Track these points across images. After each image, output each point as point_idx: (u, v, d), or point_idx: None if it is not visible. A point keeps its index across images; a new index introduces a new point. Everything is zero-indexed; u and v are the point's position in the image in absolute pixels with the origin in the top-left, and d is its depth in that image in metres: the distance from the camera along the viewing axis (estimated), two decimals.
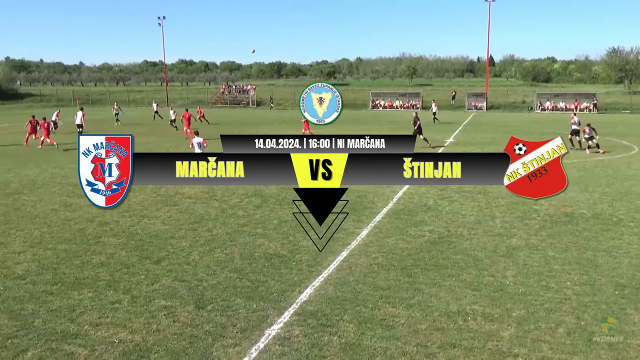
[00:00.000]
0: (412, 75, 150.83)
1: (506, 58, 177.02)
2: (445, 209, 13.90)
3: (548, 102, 66.28)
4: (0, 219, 12.85)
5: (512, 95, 78.18)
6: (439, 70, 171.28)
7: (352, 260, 9.97)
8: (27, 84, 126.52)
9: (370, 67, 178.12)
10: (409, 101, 69.31)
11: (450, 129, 38.19)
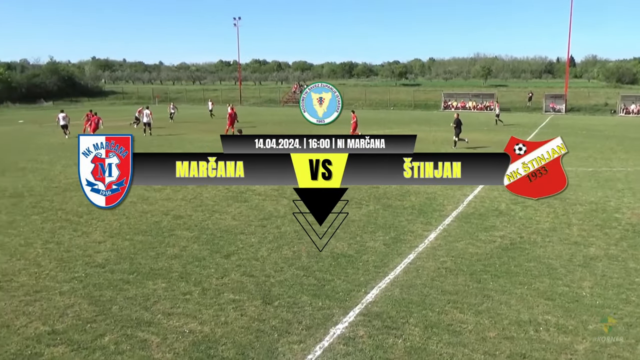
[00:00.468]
0: (486, 75, 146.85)
1: (588, 59, 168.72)
2: (518, 214, 13.44)
3: (633, 105, 62.61)
4: (83, 209, 13.60)
5: (593, 98, 74.42)
6: (515, 70, 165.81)
7: (419, 263, 9.84)
8: (110, 82, 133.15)
9: (443, 67, 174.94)
10: (482, 102, 67.49)
11: (526, 132, 36.84)
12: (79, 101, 79.14)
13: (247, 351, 6.63)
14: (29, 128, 38.44)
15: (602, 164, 22.31)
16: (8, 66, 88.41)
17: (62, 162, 21.56)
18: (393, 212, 13.46)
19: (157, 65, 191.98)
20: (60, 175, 18.61)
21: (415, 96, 74.32)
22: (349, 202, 14.33)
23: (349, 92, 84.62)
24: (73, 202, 14.36)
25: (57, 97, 78.02)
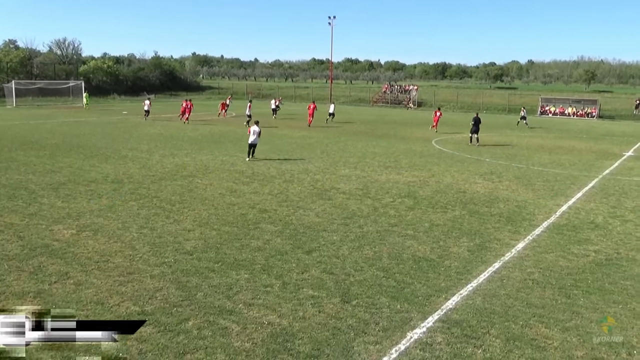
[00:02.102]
0: (590, 80, 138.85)
1: None
2: (616, 228, 12.62)
3: None
4: (176, 198, 14.30)
5: None
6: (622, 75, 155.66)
7: (504, 272, 9.49)
8: (208, 77, 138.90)
9: (543, 70, 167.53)
10: (583, 108, 63.83)
11: (630, 142, 34.47)
12: (178, 95, 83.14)
13: (323, 347, 6.69)
14: (132, 119, 40.90)
15: None
16: (117, 60, 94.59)
17: (160, 152, 22.78)
18: (479, 219, 13.07)
19: (252, 62, 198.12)
20: (158, 164, 19.66)
21: (510, 100, 71.53)
22: (434, 207, 14.13)
23: (441, 93, 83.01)
24: (167, 191, 15.13)
25: (159, 90, 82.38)
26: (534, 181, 18.50)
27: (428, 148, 27.50)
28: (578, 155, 26.54)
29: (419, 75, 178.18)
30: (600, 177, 20.05)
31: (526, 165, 22.24)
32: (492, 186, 17.33)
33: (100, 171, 17.97)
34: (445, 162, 22.54)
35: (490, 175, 19.49)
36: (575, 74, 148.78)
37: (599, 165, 23.18)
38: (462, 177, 18.92)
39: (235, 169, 19.17)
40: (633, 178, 19.95)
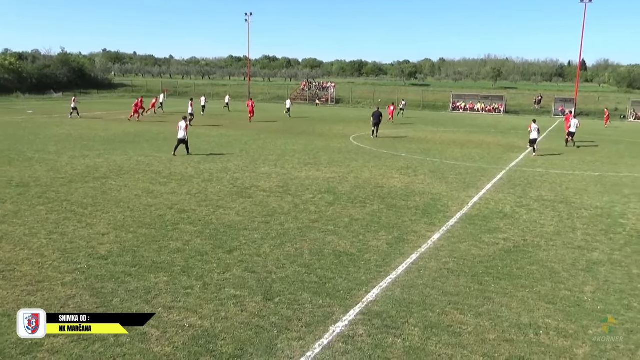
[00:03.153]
0: (496, 77, 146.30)
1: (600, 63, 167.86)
2: (522, 217, 13.40)
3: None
4: (88, 201, 13.67)
5: (603, 102, 73.87)
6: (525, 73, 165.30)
7: (422, 263, 9.83)
8: (120, 74, 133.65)
9: (453, 68, 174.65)
10: (491, 104, 67.23)
11: None
12: (89, 93, 79.48)
13: (247, 347, 6.64)
14: (38, 119, 38.64)
15: (609, 168, 22.18)
16: (19, 56, 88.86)
17: (69, 153, 21.67)
18: (397, 212, 13.45)
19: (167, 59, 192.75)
20: (67, 166, 18.71)
21: (424, 96, 74.09)
22: (353, 202, 14.38)
23: (358, 90, 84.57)
24: (79, 194, 14.44)
25: (67, 88, 78.26)
26: (448, 174, 19.27)
27: (346, 144, 27.95)
28: (487, 148, 27.91)
29: (336, 73, 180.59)
30: (508, 169, 21.21)
31: (440, 160, 23.11)
32: (408, 180, 17.88)
33: (3, 175, 16.83)
34: (363, 158, 22.99)
35: (406, 169, 20.10)
36: (483, 71, 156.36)
37: (506, 158, 24.50)
38: (380, 172, 19.38)
39: (151, 169, 18.59)
40: (536, 169, 21.24)
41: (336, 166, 20.41)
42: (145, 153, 22.18)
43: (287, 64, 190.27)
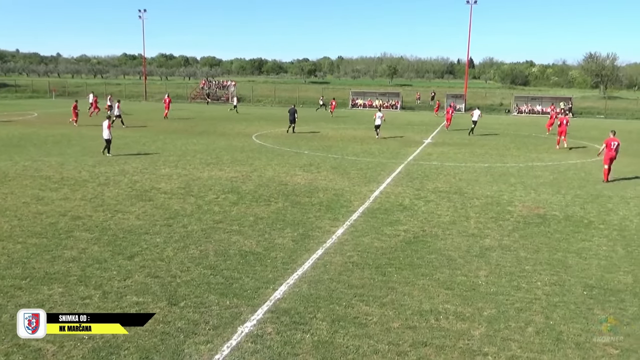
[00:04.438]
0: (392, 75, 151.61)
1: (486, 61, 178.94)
2: (421, 208, 14.00)
3: (525, 105, 67.09)
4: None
5: (490, 98, 78.97)
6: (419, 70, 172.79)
7: (327, 258, 9.98)
8: (2, 74, 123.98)
9: (352, 66, 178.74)
10: (388, 101, 69.57)
11: (429, 130, 38.45)
12: None
13: (152, 355, 6.42)
14: None
15: (496, 160, 23.73)
16: None
17: None
18: (301, 209, 13.57)
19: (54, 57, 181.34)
20: None
21: (324, 94, 75.17)
22: (257, 200, 14.32)
23: (259, 88, 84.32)
24: None
25: None
26: (349, 170, 19.72)
27: (249, 143, 27.77)
28: (386, 144, 28.86)
29: (236, 71, 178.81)
30: (405, 163, 22.06)
31: (341, 156, 23.59)
32: (311, 177, 18.09)
33: None
34: (266, 156, 22.96)
35: (309, 166, 20.32)
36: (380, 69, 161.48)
37: (403, 152, 25.47)
38: (283, 169, 19.45)
39: (40, 174, 17.41)
40: (432, 162, 22.28)
41: (239, 165, 20.22)
42: (32, 157, 20.72)
43: (184, 62, 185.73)
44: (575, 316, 7.79)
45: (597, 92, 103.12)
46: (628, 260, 10.31)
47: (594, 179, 19.31)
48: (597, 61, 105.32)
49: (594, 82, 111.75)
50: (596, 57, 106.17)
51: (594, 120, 57.56)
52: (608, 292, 8.70)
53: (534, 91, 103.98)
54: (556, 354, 6.69)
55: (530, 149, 28.48)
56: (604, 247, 11.13)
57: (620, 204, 15.12)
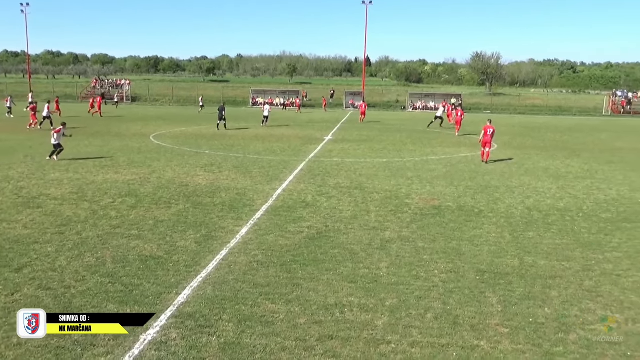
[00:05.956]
0: (292, 73, 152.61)
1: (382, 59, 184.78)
2: (323, 204, 14.22)
3: (419, 101, 70.14)
4: None
5: (387, 95, 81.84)
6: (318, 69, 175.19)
7: (231, 258, 9.87)
8: None
9: (251, 64, 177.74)
10: (288, 99, 69.97)
11: (329, 127, 39.11)
12: None
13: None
14: None
15: (394, 155, 24.63)
16: None
17: None
18: (204, 210, 13.31)
19: None
20: None
21: (223, 92, 74.21)
22: (157, 203, 13.88)
23: (155, 87, 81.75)
24: None
25: None
26: (252, 169, 19.61)
27: (146, 144, 26.81)
28: (287, 142, 29.01)
29: (130, 69, 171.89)
30: (307, 160, 22.30)
31: (243, 155, 23.41)
32: (213, 177, 17.79)
33: None
34: (165, 157, 22.29)
35: (210, 166, 19.98)
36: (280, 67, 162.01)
37: (305, 149, 25.74)
38: (184, 170, 18.98)
39: None
40: (333, 159, 22.70)
41: (136, 167, 19.46)
42: None
43: (74, 59, 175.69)
44: (470, 300, 8.27)
45: (484, 89, 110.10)
46: (514, 245, 11.10)
47: (483, 170, 20.59)
48: (483, 60, 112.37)
49: (480, 80, 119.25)
50: (482, 56, 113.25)
51: (483, 115, 61.28)
52: (498, 276, 9.32)
53: (427, 88, 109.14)
54: (453, 337, 7.07)
55: (425, 143, 29.83)
56: (493, 234, 11.91)
57: (506, 194, 16.24)
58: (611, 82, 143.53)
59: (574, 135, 38.44)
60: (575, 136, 37.43)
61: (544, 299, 8.41)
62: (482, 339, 7.07)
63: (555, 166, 22.29)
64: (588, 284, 9.10)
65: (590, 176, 19.97)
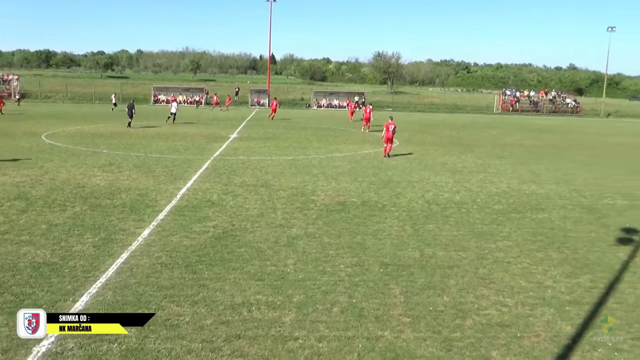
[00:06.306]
0: (195, 70, 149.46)
1: (286, 57, 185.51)
2: (229, 203, 14.05)
3: (324, 99, 71.11)
4: None
5: (292, 93, 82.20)
6: (222, 66, 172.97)
7: (133, 261, 9.50)
8: None
9: (152, 60, 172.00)
10: (192, 96, 68.39)
11: (234, 125, 38.66)
12: None
13: None
14: None
15: (300, 152, 24.82)
16: None
17: None
18: (102, 212, 12.70)
19: None
20: None
21: (123, 89, 71.17)
22: (50, 206, 13.07)
23: (47, 83, 77.12)
24: None
25: None
26: (154, 168, 18.98)
27: (38, 143, 25.14)
28: (191, 140, 28.35)
29: (19, 64, 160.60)
30: (212, 158, 21.93)
31: (145, 154, 22.59)
32: (112, 177, 17.02)
33: None
34: (59, 157, 21.02)
35: (109, 166, 19.10)
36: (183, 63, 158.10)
37: (210, 148, 25.28)
38: (80, 171, 18.00)
39: None
40: (239, 157, 22.49)
41: (27, 168, 18.19)
42: None
43: None
44: (374, 292, 8.52)
45: (386, 87, 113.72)
46: (415, 238, 11.56)
47: (385, 166, 21.26)
48: (384, 59, 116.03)
49: (382, 79, 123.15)
50: (383, 55, 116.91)
51: (386, 112, 63.22)
52: (400, 268, 9.66)
53: (332, 86, 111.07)
54: (359, 329, 7.25)
55: (330, 140, 30.31)
56: (396, 227, 12.33)
57: (407, 188, 16.87)
58: (501, 82, 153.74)
59: (469, 131, 40.65)
60: (470, 133, 39.59)
61: (442, 287, 8.83)
62: (385, 329, 7.30)
63: (452, 161, 23.46)
64: (482, 271, 9.67)
65: (483, 170, 21.22)
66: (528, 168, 22.31)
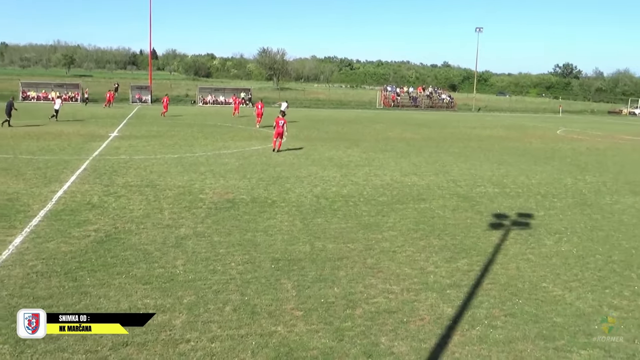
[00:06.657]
0: (69, 65, 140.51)
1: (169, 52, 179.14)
2: (111, 205, 13.36)
3: (210, 95, 69.74)
4: None
5: (176, 89, 79.81)
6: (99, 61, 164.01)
7: (4, 272, 8.73)
8: None
9: (19, 53, 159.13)
10: (67, 93, 64.07)
11: (114, 123, 36.76)
12: None
13: None
14: None
15: (186, 150, 24.17)
16: None
17: None
18: None
19: None
20: None
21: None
22: None
23: None
24: None
25: None
26: (25, 170, 17.55)
27: None
28: (67, 139, 26.57)
29: None
30: (91, 158, 20.72)
31: (13, 155, 20.83)
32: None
33: None
34: None
35: None
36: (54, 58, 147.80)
37: (88, 147, 23.84)
38: None
39: None
40: (120, 156, 21.44)
41: None
42: None
43: None
44: (267, 288, 8.52)
45: (272, 83, 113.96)
46: (305, 232, 11.72)
47: (274, 162, 21.32)
48: (270, 56, 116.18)
49: (268, 75, 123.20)
50: (268, 52, 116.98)
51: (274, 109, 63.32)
52: (292, 262, 9.75)
53: (217, 83, 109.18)
54: (252, 326, 7.22)
55: (217, 137, 29.82)
56: (286, 222, 12.42)
57: (296, 183, 17.05)
58: (382, 78, 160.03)
59: (353, 126, 41.85)
60: (354, 128, 40.78)
61: (333, 279, 9.04)
62: (279, 324, 7.33)
63: (339, 156, 24.05)
64: (370, 261, 10.02)
65: (368, 164, 21.97)
66: (409, 161, 23.44)
